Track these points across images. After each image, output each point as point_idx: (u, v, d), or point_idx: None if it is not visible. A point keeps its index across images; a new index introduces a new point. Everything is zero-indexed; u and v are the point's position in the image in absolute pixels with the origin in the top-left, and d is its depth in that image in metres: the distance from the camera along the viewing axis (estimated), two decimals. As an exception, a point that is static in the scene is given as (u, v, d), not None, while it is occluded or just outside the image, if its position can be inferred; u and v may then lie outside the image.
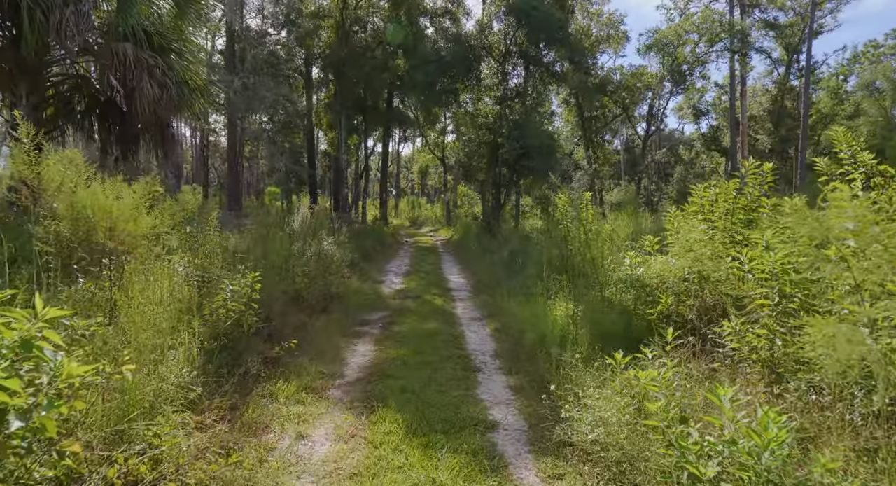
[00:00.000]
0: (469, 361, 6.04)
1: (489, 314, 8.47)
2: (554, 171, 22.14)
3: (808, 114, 29.78)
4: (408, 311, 8.69)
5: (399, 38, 21.52)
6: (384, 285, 11.31)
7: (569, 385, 4.53)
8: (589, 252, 6.57)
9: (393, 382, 5.18)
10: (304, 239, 10.81)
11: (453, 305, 9.44)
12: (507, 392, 5.08)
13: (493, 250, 14.50)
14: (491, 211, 20.39)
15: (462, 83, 20.16)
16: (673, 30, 30.38)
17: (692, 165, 48.84)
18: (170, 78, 9.06)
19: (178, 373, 3.63)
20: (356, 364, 5.87)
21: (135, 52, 8.64)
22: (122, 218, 4.58)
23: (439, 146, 35.60)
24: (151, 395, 3.29)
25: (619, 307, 5.80)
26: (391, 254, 17.37)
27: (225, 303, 4.72)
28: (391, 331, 7.37)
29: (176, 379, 3.57)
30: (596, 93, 30.16)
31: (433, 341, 6.80)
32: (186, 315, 4.87)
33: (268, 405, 4.29)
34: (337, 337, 6.80)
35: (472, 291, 10.82)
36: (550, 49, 18.63)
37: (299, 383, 4.90)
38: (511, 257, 11.95)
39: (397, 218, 39.61)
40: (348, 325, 7.59)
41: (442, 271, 13.81)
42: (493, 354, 6.38)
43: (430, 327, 7.61)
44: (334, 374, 5.46)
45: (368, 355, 6.24)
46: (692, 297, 4.71)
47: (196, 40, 10.54)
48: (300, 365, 5.40)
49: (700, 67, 31.96)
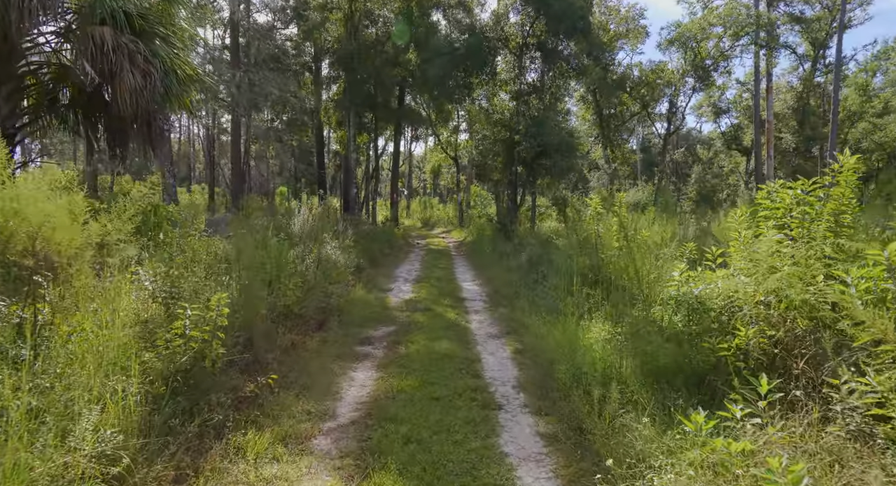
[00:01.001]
0: (488, 395, 5.03)
1: (508, 331, 7.46)
2: (573, 170, 21.09)
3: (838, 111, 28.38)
4: (416, 326, 7.70)
5: (406, 37, 20.57)
6: (392, 293, 10.34)
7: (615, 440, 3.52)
8: (631, 263, 5.53)
9: (395, 427, 4.18)
10: (304, 243, 9.88)
11: (467, 318, 8.44)
12: (538, 442, 4.06)
13: (510, 255, 13.47)
14: (507, 212, 19.35)
15: (476, 77, 19.12)
16: (697, 23, 29.10)
17: (710, 164, 47.48)
18: (154, 66, 8.15)
19: (98, 438, 2.67)
20: (352, 399, 4.89)
21: (114, 37, 7.74)
22: (49, 225, 3.64)
23: (452, 145, 34.64)
24: (46, 481, 2.33)
25: (669, 333, 4.77)
26: (401, 258, 16.40)
27: (183, 332, 3.76)
28: (397, 353, 6.38)
29: (93, 448, 2.62)
30: (615, 89, 29.00)
31: (445, 367, 5.80)
32: (142, 343, 3.94)
33: (230, 469, 3.31)
34: (332, 361, 5.83)
35: (487, 301, 9.81)
36: (570, 41, 17.53)
37: (277, 430, 3.92)
38: (530, 265, 10.91)
39: (409, 219, 38.67)
40: (348, 344, 6.62)
41: (455, 278, 12.81)
42: (516, 384, 5.37)
43: (441, 347, 6.61)
44: (324, 413, 4.49)
45: (368, 385, 5.26)
46: (775, 327, 3.67)
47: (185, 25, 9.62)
48: (282, 403, 4.42)
49: (724, 63, 30.61)
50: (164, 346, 3.67)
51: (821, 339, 3.57)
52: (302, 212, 11.18)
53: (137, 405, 3.11)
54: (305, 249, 9.53)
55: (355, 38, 21.10)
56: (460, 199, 33.37)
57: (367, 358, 6.16)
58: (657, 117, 38.44)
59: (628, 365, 4.49)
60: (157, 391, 3.37)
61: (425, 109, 27.11)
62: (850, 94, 37.15)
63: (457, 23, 20.77)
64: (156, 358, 3.64)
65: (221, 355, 3.94)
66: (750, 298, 3.84)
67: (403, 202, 43.80)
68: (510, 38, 18.83)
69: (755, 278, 4.05)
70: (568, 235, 13.55)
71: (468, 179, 38.43)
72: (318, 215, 13.38)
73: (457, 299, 10.05)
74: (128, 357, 3.69)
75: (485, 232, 19.43)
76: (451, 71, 18.34)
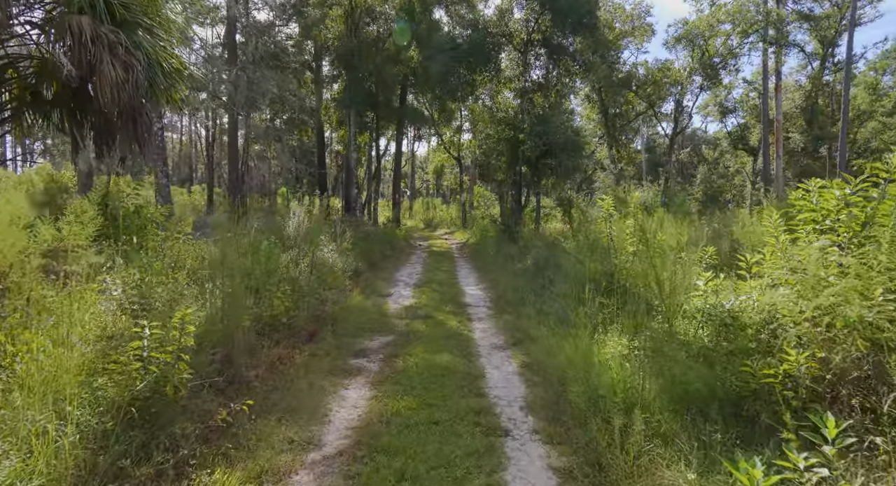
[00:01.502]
0: (493, 418, 4.52)
1: (514, 342, 6.94)
2: (580, 170, 20.55)
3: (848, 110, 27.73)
4: (416, 336, 7.18)
5: (406, 38, 20.06)
6: (391, 299, 9.83)
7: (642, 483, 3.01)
8: (651, 269, 5.00)
9: (387, 460, 3.67)
10: (298, 247, 9.38)
11: (470, 327, 7.92)
12: (551, 479, 3.55)
13: (514, 257, 12.95)
14: (511, 213, 18.82)
15: (480, 74, 18.59)
16: (705, 20, 28.56)
17: (715, 165, 46.88)
18: (136, 58, 7.66)
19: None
20: (342, 422, 4.38)
21: (93, 27, 7.26)
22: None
23: (455, 145, 34.15)
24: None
25: (695, 349, 4.24)
26: (402, 260, 15.88)
27: (141, 355, 3.25)
28: (393, 367, 5.87)
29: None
30: (621, 88, 28.49)
31: (445, 384, 5.29)
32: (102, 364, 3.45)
33: (189, 520, 2.82)
34: (323, 377, 5.32)
35: (491, 307, 9.29)
36: (577, 36, 16.98)
37: (252, 465, 3.41)
38: (536, 269, 10.38)
39: (411, 219, 38.17)
40: (341, 357, 6.11)
41: (457, 282, 12.29)
42: (524, 405, 4.85)
43: (441, 360, 6.09)
44: (309, 441, 3.98)
45: (360, 406, 4.75)
46: (830, 350, 3.15)
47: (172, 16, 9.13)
48: (260, 431, 3.91)
49: (733, 60, 30.05)
50: (119, 370, 3.16)
51: (883, 363, 3.05)
52: (297, 213, 10.66)
53: (75, 445, 2.61)
54: (300, 252, 9.04)
55: (356, 35, 20.61)
56: (463, 199, 32.86)
57: (361, 373, 5.65)
58: (663, 117, 37.90)
59: (651, 388, 3.97)
60: (106, 426, 2.86)
61: (428, 108, 26.61)
62: (859, 92, 36.58)
63: (460, 18, 20.25)
64: (111, 384, 3.14)
65: (187, 380, 3.42)
66: (796, 315, 3.31)
67: (406, 203, 43.30)
68: (514, 33, 18.31)
69: (798, 290, 3.53)
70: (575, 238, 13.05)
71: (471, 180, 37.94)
72: (316, 217, 12.90)
73: (459, 304, 9.53)
74: (80, 383, 3.20)
75: (488, 233, 18.90)
76: (454, 68, 17.83)
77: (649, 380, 4.10)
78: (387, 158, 34.95)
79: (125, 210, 7.33)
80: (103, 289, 4.59)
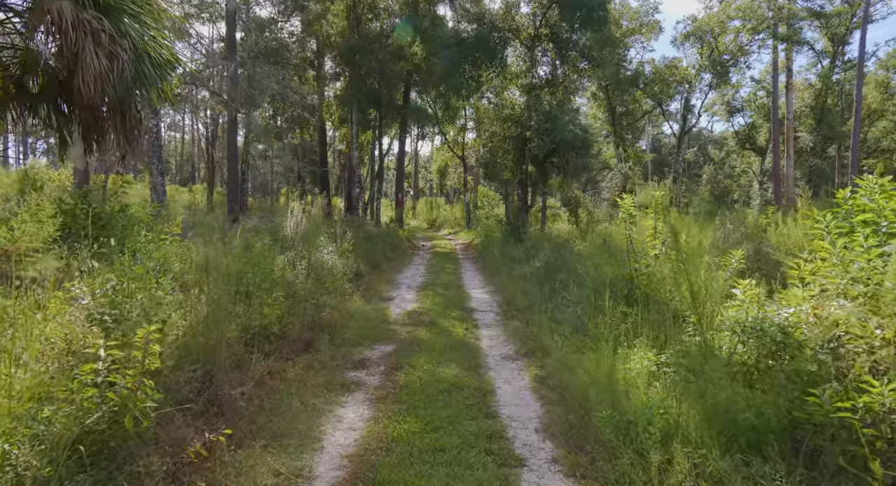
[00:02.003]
0: (506, 444, 4.01)
1: (526, 352, 6.43)
2: (588, 169, 20.03)
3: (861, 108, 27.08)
4: (419, 345, 6.68)
5: (408, 37, 19.55)
6: (393, 303, 9.34)
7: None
8: (682, 275, 4.49)
9: (387, 500, 3.18)
10: (296, 248, 8.89)
11: (477, 334, 7.43)
12: (577, 524, 3.05)
13: (521, 259, 12.44)
14: (517, 213, 18.31)
15: (486, 70, 18.07)
16: (714, 17, 28.02)
17: (722, 165, 46.33)
18: (122, 46, 7.18)
19: None
20: (337, 449, 3.88)
21: (74, 13, 6.78)
22: None
23: (459, 144, 33.66)
24: None
25: (736, 369, 3.72)
26: (405, 262, 15.39)
27: (95, 380, 2.76)
28: (395, 381, 5.37)
29: None
30: (629, 85, 27.96)
31: (452, 402, 4.79)
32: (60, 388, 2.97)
33: None
34: (316, 394, 4.83)
35: (499, 313, 8.79)
36: (586, 31, 16.43)
37: (229, 508, 2.93)
38: (546, 272, 9.86)
39: (415, 219, 37.67)
40: (338, 369, 5.62)
41: (462, 285, 11.79)
42: (539, 427, 4.34)
43: (447, 373, 5.59)
44: (299, 474, 3.48)
45: (358, 428, 4.25)
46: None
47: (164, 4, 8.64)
48: (241, 464, 3.42)
49: (743, 58, 29.50)
50: (68, 398, 2.67)
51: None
52: (295, 212, 10.15)
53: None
54: (297, 254, 8.55)
55: (358, 30, 20.13)
56: (467, 199, 32.35)
57: (360, 388, 5.15)
58: (670, 115, 37.35)
59: (690, 414, 3.46)
60: (44, 471, 2.37)
61: (431, 106, 26.11)
62: (869, 91, 35.94)
63: (465, 12, 19.73)
64: (60, 415, 2.65)
65: (153, 407, 2.92)
66: (871, 334, 2.80)
67: (409, 203, 42.78)
68: (521, 28, 17.79)
69: (869, 304, 3.01)
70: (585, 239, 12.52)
71: (475, 179, 37.46)
72: (315, 217, 12.40)
73: (465, 309, 9.03)
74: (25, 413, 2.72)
75: (493, 234, 18.39)
76: (459, 63, 17.30)
77: (684, 402, 3.60)
78: (390, 158, 34.44)
79: (111, 209, 6.83)
80: (73, 297, 4.11)
